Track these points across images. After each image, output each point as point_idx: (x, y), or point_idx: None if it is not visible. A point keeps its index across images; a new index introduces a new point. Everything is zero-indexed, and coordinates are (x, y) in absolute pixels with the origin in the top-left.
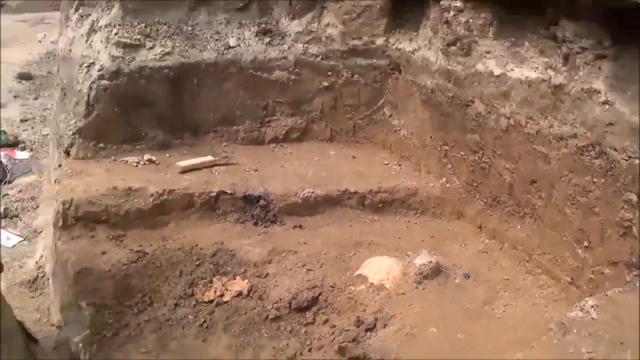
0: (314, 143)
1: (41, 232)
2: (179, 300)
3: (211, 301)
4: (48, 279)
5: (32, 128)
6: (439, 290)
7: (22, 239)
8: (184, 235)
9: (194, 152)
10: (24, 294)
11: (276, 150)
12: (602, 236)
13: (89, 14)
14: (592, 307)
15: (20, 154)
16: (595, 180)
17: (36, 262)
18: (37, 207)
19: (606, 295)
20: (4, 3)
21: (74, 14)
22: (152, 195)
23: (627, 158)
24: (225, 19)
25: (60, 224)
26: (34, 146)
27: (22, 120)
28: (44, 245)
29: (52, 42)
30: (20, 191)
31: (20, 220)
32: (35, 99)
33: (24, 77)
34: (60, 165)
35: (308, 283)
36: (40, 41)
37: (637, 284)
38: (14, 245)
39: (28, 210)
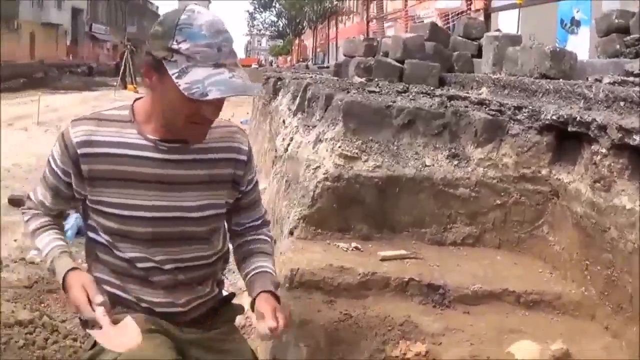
0: (484, 249)
1: (245, 290)
2: (373, 352)
3: (397, 357)
4: (254, 327)
5: None
6: None
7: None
8: (380, 307)
9: (390, 246)
10: None
11: (454, 252)
12: None
13: (314, 125)
14: None
15: None
16: None
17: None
18: None
19: None
20: None
21: (292, 117)
22: (359, 274)
23: None
24: (424, 142)
25: (287, 285)
26: None
27: None
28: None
29: (241, 122)
30: None
31: (227, 279)
32: None
33: None
34: (275, 240)
35: (469, 353)
36: (229, 119)
37: None
38: None
39: (233, 272)
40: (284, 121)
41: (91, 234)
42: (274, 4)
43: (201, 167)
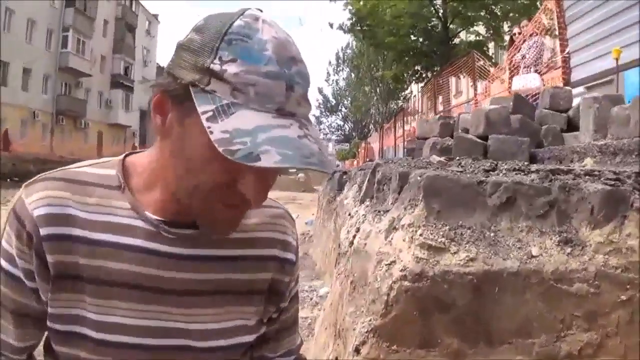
0: None
1: None
2: None
3: None
4: None
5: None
6: None
7: None
8: None
9: None
10: None
11: None
12: None
13: (387, 210)
14: None
15: None
16: None
17: None
18: None
19: None
20: None
21: (359, 205)
22: None
23: None
24: (527, 226)
25: None
26: None
27: None
28: None
29: (306, 223)
30: None
31: None
32: None
33: None
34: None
35: None
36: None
37: None
38: None
39: None
40: (350, 214)
41: None
42: (340, 108)
43: (224, 269)
